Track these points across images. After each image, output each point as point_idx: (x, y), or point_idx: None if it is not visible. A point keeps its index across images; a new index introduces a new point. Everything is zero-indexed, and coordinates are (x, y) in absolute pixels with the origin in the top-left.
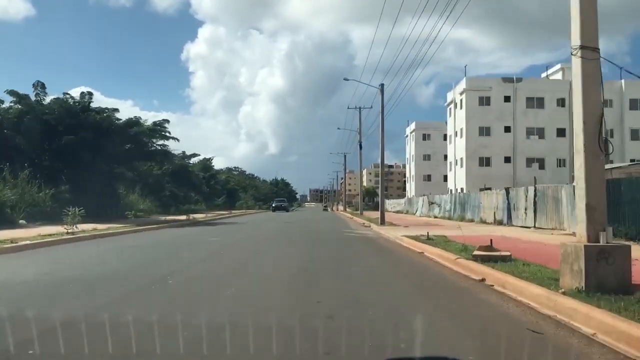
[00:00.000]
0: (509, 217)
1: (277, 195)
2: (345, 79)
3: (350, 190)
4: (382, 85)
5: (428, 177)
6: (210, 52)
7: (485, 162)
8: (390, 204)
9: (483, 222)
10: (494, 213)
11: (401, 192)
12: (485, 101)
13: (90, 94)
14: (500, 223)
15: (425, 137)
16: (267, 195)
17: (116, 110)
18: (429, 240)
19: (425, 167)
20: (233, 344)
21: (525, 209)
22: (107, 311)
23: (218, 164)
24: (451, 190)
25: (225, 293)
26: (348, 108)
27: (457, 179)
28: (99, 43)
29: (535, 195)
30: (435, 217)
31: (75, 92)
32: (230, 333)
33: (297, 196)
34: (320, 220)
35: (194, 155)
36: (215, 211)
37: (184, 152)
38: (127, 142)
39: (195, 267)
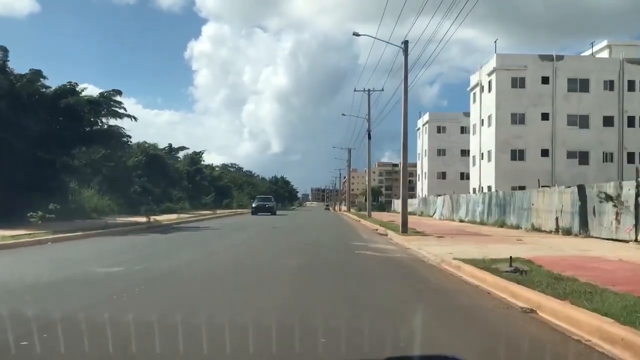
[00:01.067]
0: (583, 224)
1: (277, 194)
2: (355, 34)
3: (353, 189)
4: (405, 42)
5: (442, 175)
6: (214, 50)
7: (518, 155)
8: (400, 205)
9: (537, 229)
10: (557, 218)
11: (406, 192)
12: (519, 83)
13: (4, 50)
14: (567, 232)
15: (439, 129)
16: (265, 193)
17: (39, 73)
18: (516, 274)
19: (439, 164)
20: None
21: (617, 215)
22: None
23: (219, 162)
24: (475, 189)
25: None
26: (355, 91)
27: (484, 175)
28: (103, 40)
29: (638, 195)
30: (462, 220)
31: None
32: None
33: (299, 195)
34: (320, 224)
35: (182, 148)
36: (200, 210)
37: (170, 145)
38: (61, 118)
39: None
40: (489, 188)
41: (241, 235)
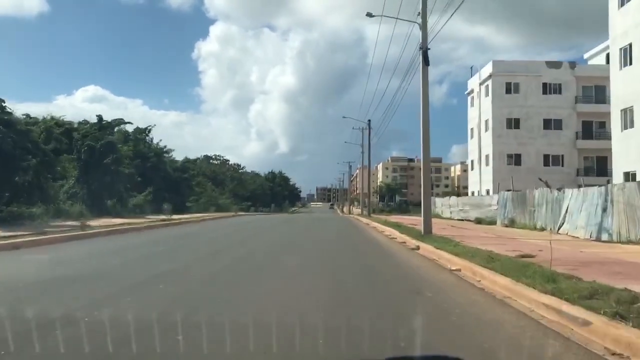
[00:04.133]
0: None
1: (273, 193)
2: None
3: (363, 188)
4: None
5: (515, 158)
6: (221, 50)
7: None
8: (447, 206)
9: None
10: None
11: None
12: None
13: None
14: None
15: (510, 88)
16: (256, 192)
17: None
18: None
19: (510, 141)
20: None
21: None
22: None
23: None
24: (633, 174)
25: None
26: None
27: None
28: (110, 41)
29: None
30: None
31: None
32: None
33: (303, 195)
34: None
35: (120, 122)
36: (98, 220)
37: (100, 117)
38: None
39: None
40: None
41: None
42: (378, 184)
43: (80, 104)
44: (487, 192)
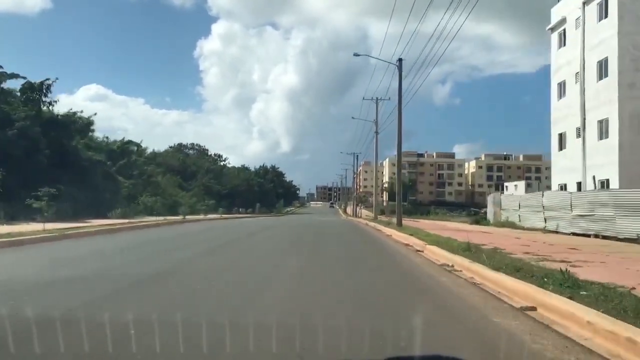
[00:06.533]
0: None
1: (263, 191)
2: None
3: (366, 186)
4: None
5: None
6: (223, 48)
7: None
8: (530, 207)
9: None
10: None
11: (433, 189)
12: None
13: None
14: None
15: None
16: (239, 188)
17: None
18: None
19: None
20: None
21: None
22: None
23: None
24: None
25: None
26: None
27: None
28: (112, 40)
29: None
30: None
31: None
32: None
33: (302, 194)
34: None
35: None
36: None
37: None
38: None
39: None
40: None
41: None
42: (385, 180)
43: (82, 103)
44: (604, 184)
